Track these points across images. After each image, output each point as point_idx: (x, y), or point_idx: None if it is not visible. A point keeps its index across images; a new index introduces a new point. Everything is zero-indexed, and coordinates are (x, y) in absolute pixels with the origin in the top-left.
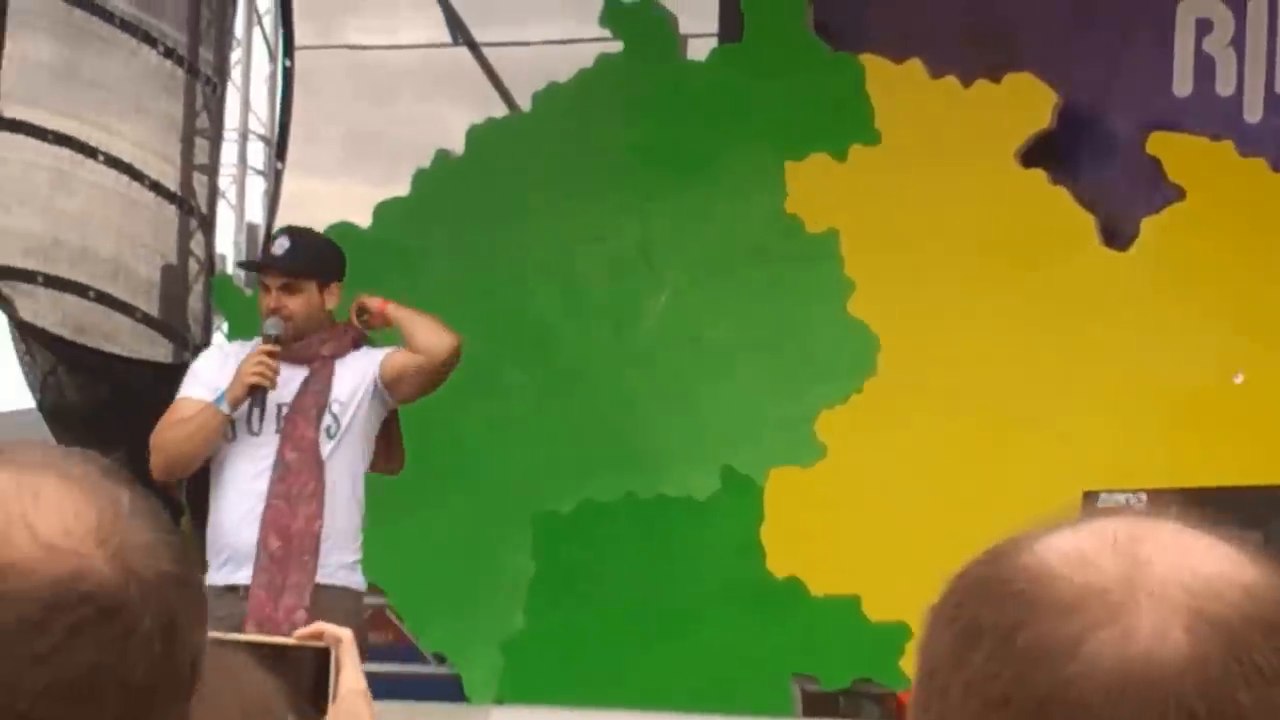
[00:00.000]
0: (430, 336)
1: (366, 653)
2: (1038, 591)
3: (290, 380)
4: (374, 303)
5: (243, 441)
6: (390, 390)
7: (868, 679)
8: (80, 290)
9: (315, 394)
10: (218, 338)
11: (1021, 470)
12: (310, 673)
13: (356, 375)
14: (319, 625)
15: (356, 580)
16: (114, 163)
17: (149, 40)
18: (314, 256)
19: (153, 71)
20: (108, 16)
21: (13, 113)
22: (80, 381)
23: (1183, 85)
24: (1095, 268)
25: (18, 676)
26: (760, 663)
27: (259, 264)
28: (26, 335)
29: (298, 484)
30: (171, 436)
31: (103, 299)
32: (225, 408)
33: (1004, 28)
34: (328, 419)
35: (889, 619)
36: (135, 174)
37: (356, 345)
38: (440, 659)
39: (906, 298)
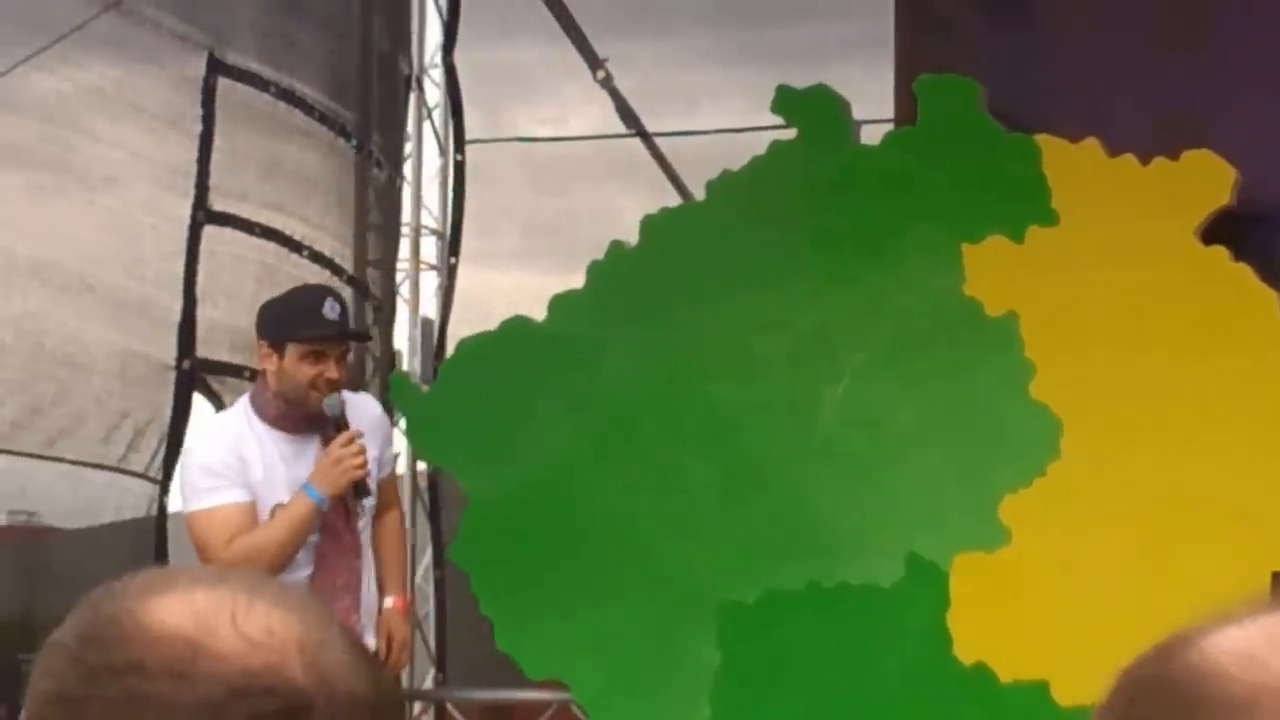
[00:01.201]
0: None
1: None
2: (1208, 692)
3: (302, 454)
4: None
5: None
6: None
7: None
8: None
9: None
10: (213, 430)
11: (1210, 551)
12: None
13: (374, 448)
14: None
15: None
16: (316, 257)
17: (344, 133)
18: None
19: (349, 166)
20: (308, 109)
21: (222, 206)
22: None
23: None
24: None
25: None
26: None
27: (337, 333)
28: None
29: (330, 577)
30: (260, 546)
31: None
32: (325, 504)
33: (1182, 104)
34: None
35: (1078, 704)
36: (335, 269)
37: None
38: None
39: (1088, 379)
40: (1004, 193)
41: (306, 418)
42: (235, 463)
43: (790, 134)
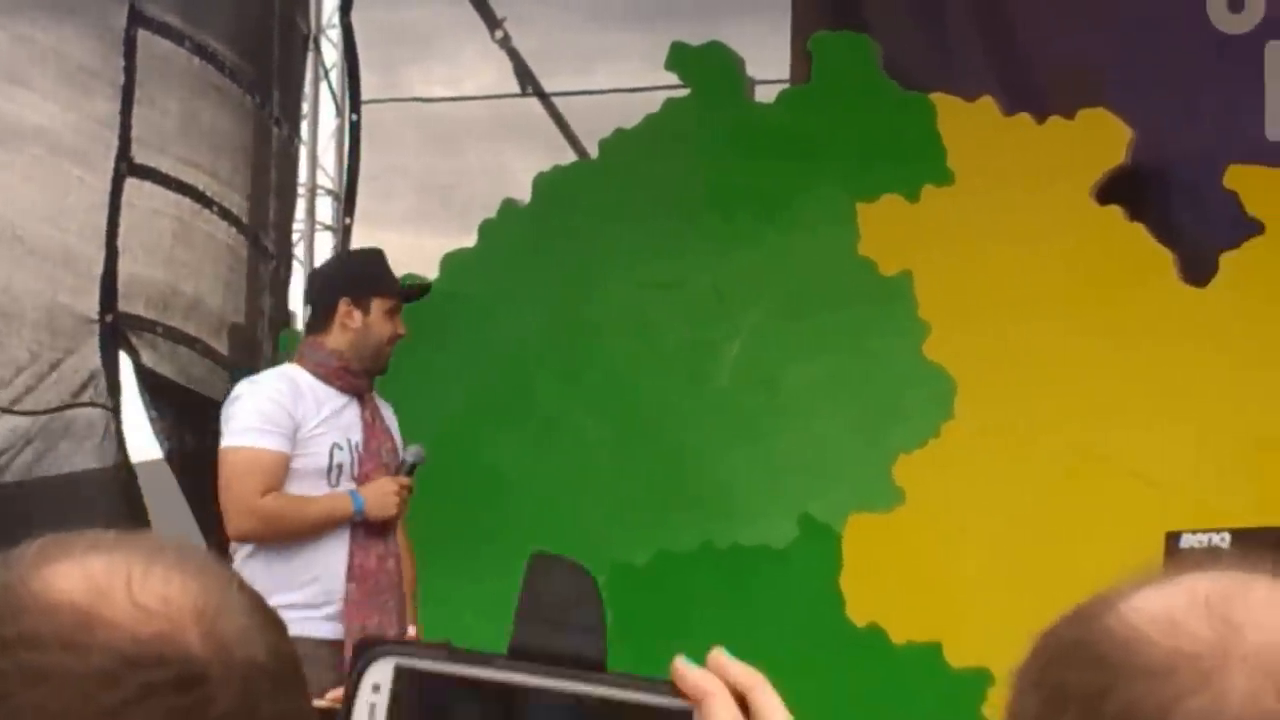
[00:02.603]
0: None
1: None
2: (1126, 657)
3: (346, 410)
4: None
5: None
6: None
7: None
8: (190, 342)
9: (380, 434)
10: (267, 379)
11: (1103, 511)
12: None
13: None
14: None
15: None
16: (226, 214)
17: (251, 90)
18: None
19: (255, 123)
20: (220, 65)
21: (143, 158)
22: (200, 432)
23: (1274, 124)
24: (1174, 304)
25: None
26: (842, 712)
27: (418, 287)
28: (150, 385)
29: (369, 554)
30: (289, 515)
31: (208, 353)
32: (360, 518)
33: (1078, 63)
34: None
35: (971, 665)
36: (243, 227)
37: None
38: None
39: (982, 339)
40: (899, 152)
41: (367, 373)
42: (283, 415)
43: (685, 92)
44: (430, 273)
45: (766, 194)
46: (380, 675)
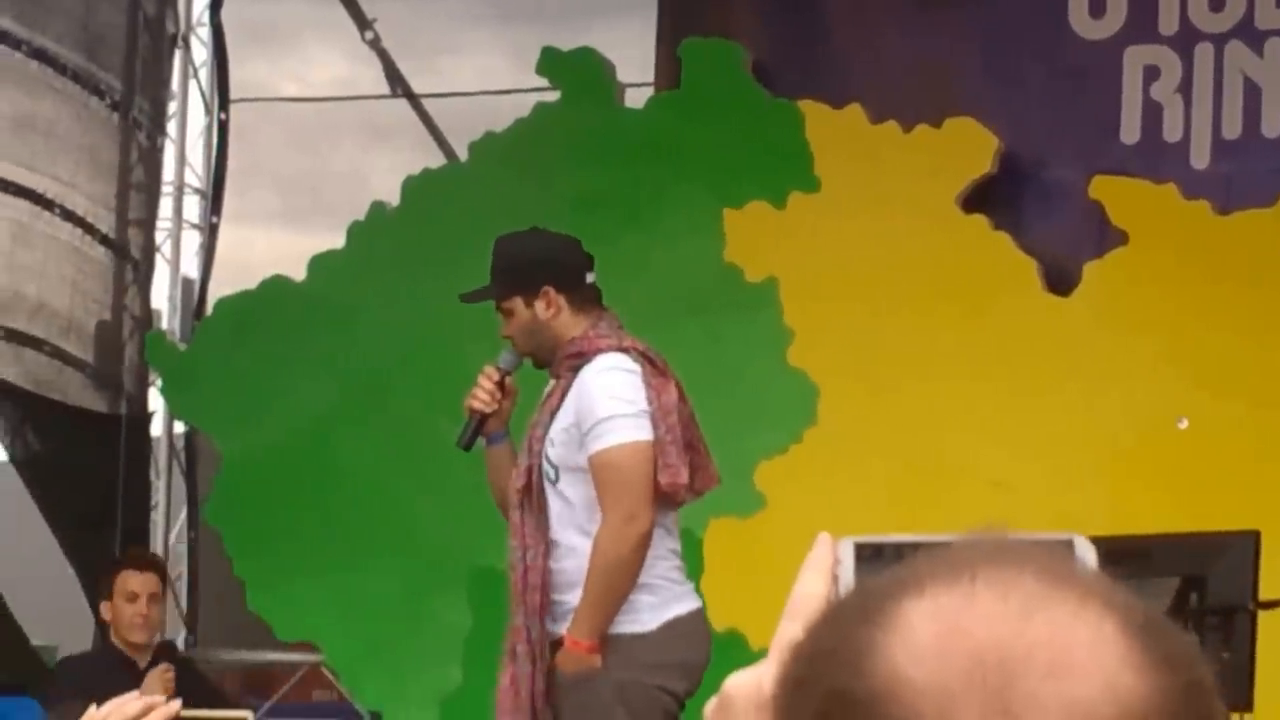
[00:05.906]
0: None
1: None
2: None
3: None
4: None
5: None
6: None
7: None
8: (37, 344)
9: (549, 410)
10: None
11: (963, 518)
12: None
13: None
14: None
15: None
16: (69, 216)
17: (98, 92)
18: (499, 272)
19: (102, 124)
20: (61, 68)
21: None
22: (45, 435)
23: (1130, 132)
24: (1038, 313)
25: None
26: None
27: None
28: None
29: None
30: None
31: (58, 354)
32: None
33: (946, 72)
34: (549, 448)
35: None
36: (88, 228)
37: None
38: (376, 717)
39: (846, 346)
40: (767, 158)
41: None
42: None
43: (554, 96)
44: (296, 272)
45: (633, 199)
46: None
